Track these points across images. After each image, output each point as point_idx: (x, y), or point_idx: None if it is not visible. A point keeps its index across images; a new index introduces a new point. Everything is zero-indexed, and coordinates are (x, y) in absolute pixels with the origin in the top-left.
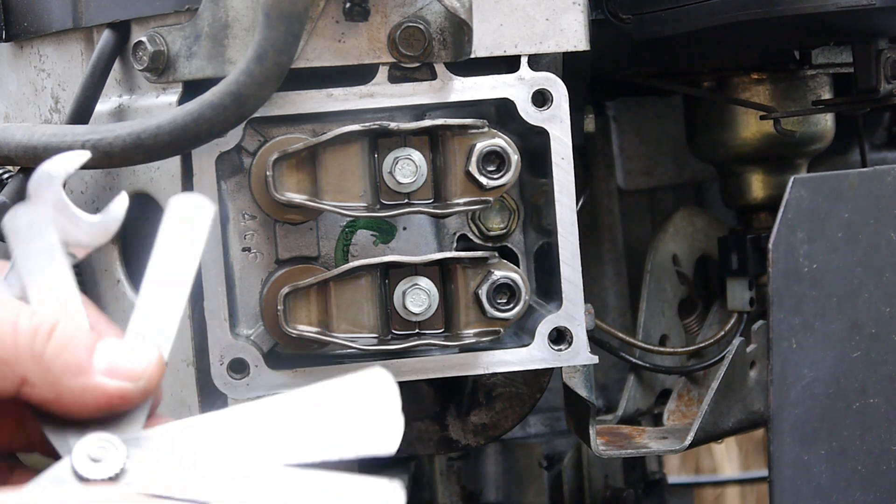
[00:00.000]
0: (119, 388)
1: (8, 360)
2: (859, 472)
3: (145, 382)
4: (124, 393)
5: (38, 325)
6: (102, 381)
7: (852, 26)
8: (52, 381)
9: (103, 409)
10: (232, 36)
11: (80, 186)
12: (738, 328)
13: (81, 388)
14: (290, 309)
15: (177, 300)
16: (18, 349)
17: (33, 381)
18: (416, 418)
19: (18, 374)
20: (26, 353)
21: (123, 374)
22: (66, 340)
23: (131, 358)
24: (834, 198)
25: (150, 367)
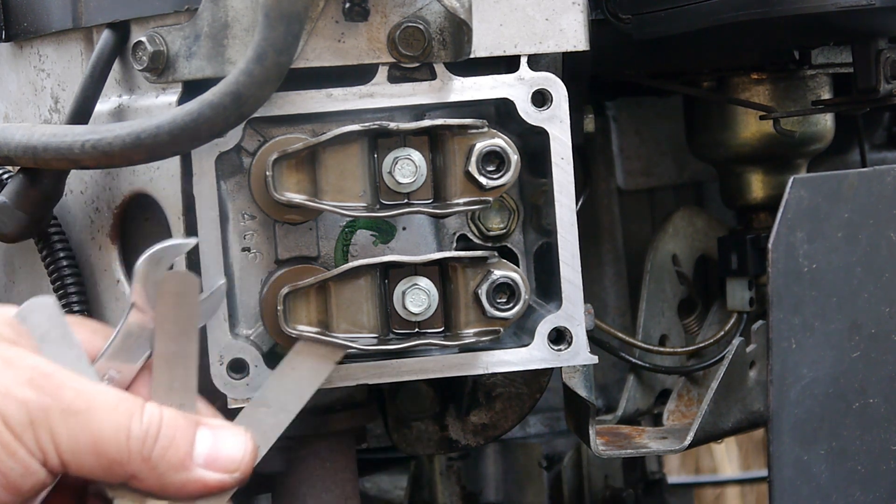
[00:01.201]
0: (218, 479)
1: (121, 461)
2: (859, 472)
3: (241, 474)
4: (223, 484)
5: (147, 427)
6: (202, 475)
7: (852, 26)
8: (158, 477)
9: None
10: (232, 36)
11: (79, 187)
12: (737, 328)
13: (183, 482)
14: (290, 309)
15: (289, 410)
16: (131, 452)
17: (141, 477)
18: (416, 418)
19: (128, 471)
20: (137, 456)
21: (221, 466)
22: (171, 439)
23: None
24: (834, 198)
25: (246, 459)
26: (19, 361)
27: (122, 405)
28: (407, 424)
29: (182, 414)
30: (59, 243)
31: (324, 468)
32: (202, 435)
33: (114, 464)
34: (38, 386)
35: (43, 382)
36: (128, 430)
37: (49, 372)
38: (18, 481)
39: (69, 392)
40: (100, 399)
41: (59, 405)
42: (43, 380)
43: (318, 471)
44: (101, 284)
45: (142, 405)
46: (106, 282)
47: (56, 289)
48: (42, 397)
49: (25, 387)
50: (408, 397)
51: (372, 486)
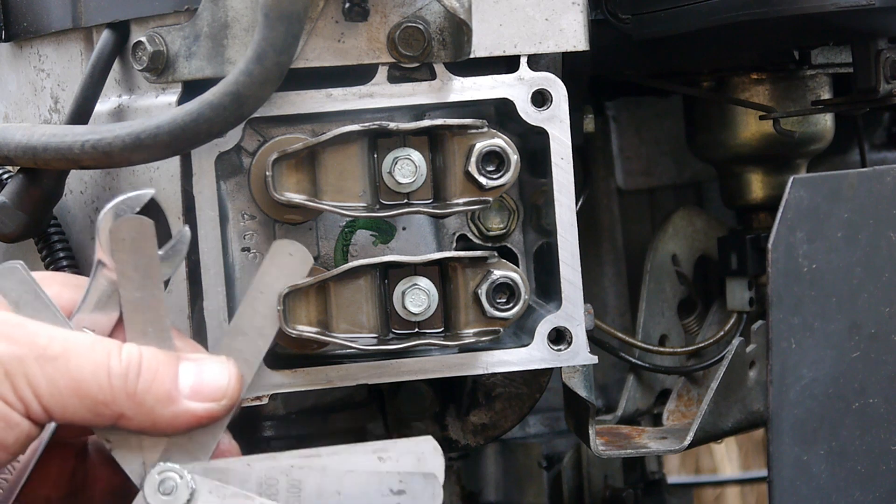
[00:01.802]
0: (206, 409)
1: (106, 400)
2: (859, 472)
3: (228, 400)
4: (211, 413)
5: (127, 363)
6: (191, 406)
7: (852, 26)
8: (146, 413)
9: (193, 428)
10: (231, 36)
11: (79, 187)
12: (737, 328)
13: (173, 415)
14: (290, 309)
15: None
16: (114, 390)
17: (129, 415)
18: (416, 418)
19: (115, 411)
20: (121, 393)
21: (208, 395)
22: (153, 372)
23: (213, 378)
24: (833, 198)
25: (232, 385)
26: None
27: (98, 345)
28: (407, 424)
29: (161, 350)
30: (59, 243)
31: None
32: (185, 367)
33: (99, 404)
34: (9, 337)
35: (15, 333)
36: (107, 367)
37: (20, 322)
38: (2, 434)
39: (42, 339)
40: (75, 342)
41: (34, 353)
42: (14, 330)
43: None
44: None
45: (119, 345)
46: None
47: None
48: (15, 347)
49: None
50: (408, 397)
51: None
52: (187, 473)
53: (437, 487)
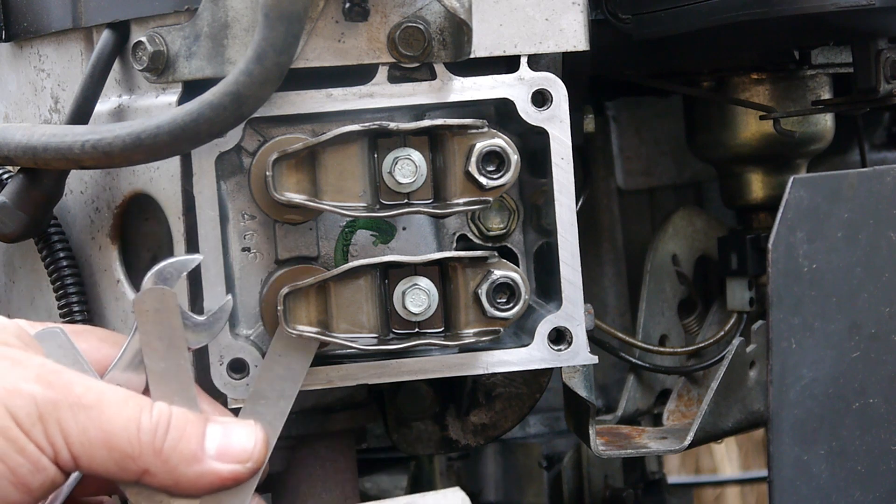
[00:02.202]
0: (231, 470)
1: (133, 455)
2: (859, 472)
3: (253, 463)
4: (236, 475)
5: (157, 421)
6: (215, 467)
7: (852, 26)
8: (171, 470)
9: (216, 490)
10: (231, 36)
11: (79, 187)
12: (737, 328)
13: (197, 475)
14: (290, 309)
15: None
16: (142, 445)
17: (154, 472)
18: (416, 418)
19: (141, 466)
20: (148, 449)
21: (233, 457)
22: (181, 431)
23: (239, 440)
24: (833, 198)
25: (258, 448)
26: (27, 361)
27: (131, 400)
28: (407, 424)
29: (191, 411)
30: (59, 243)
31: (324, 468)
32: (212, 429)
33: (125, 458)
34: (46, 382)
35: (52, 378)
36: (138, 422)
37: (57, 369)
38: (28, 478)
39: (78, 388)
40: (109, 394)
41: (69, 399)
42: (52, 376)
43: (318, 471)
44: (101, 284)
45: (150, 402)
46: (106, 282)
47: (56, 289)
48: (51, 392)
49: (34, 382)
50: (408, 397)
51: (372, 486)
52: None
53: None
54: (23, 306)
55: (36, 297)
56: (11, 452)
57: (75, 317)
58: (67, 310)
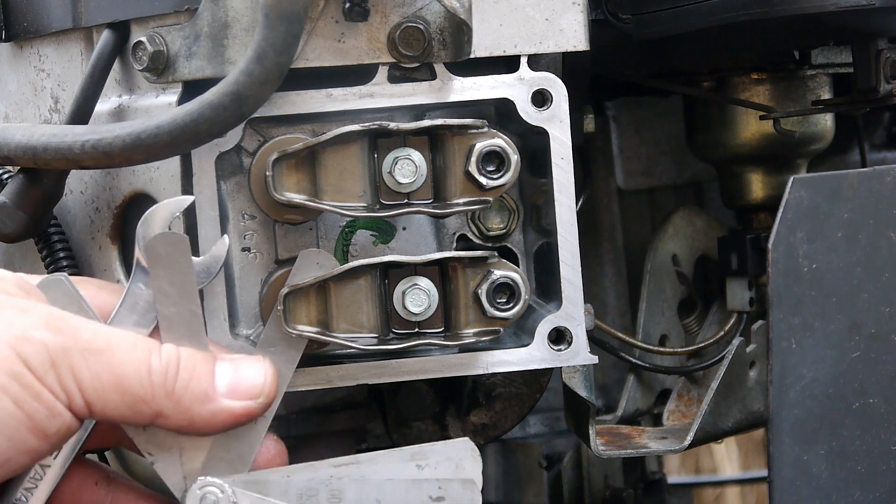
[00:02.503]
0: (244, 407)
1: (145, 398)
2: (859, 472)
3: (265, 398)
4: (249, 411)
5: (167, 362)
6: (228, 404)
7: (852, 26)
8: (184, 411)
9: (231, 427)
10: (232, 36)
11: (79, 187)
12: (737, 328)
13: (210, 413)
14: (290, 309)
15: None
16: (154, 388)
17: (167, 413)
18: (416, 418)
19: (154, 409)
20: (160, 391)
21: (245, 394)
22: (191, 371)
23: (249, 376)
24: (834, 198)
25: (268, 383)
26: (34, 309)
27: (139, 344)
28: (407, 424)
29: (199, 351)
30: (59, 243)
31: None
32: (221, 367)
33: (138, 401)
34: (55, 328)
35: (60, 324)
36: (148, 365)
37: (64, 315)
38: (44, 423)
39: (87, 333)
40: (117, 338)
41: (79, 345)
42: (59, 322)
43: None
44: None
45: (158, 344)
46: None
47: None
48: (61, 338)
49: (43, 329)
50: (408, 397)
51: None
52: (228, 487)
53: (475, 493)
54: None
55: None
56: (28, 398)
57: None
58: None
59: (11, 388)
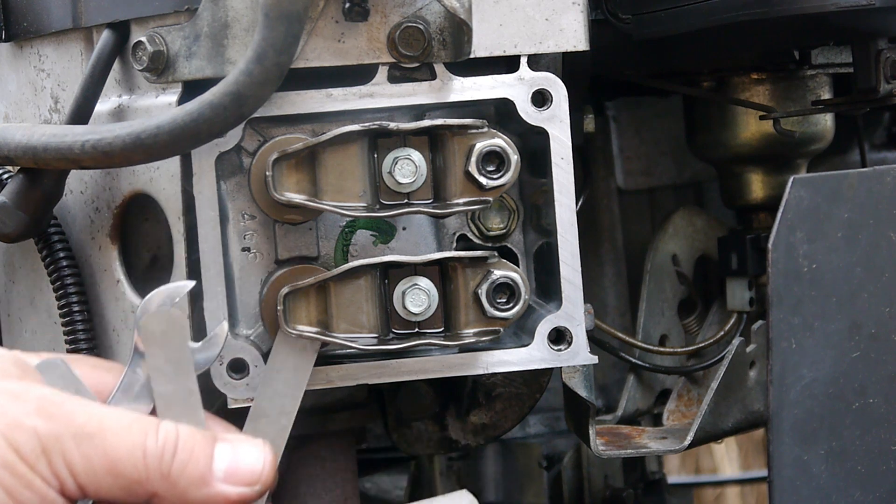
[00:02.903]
0: (239, 493)
1: (140, 479)
2: (859, 472)
3: (261, 486)
4: (244, 498)
5: (164, 443)
6: (224, 490)
7: (852, 26)
8: (179, 494)
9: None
10: (231, 36)
11: (79, 187)
12: (737, 328)
13: (205, 498)
14: (290, 309)
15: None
16: (149, 470)
17: (162, 495)
18: (416, 418)
19: (149, 490)
20: (156, 473)
21: (242, 480)
22: (189, 453)
23: (248, 461)
24: (834, 198)
25: (266, 470)
26: (26, 394)
27: (135, 425)
28: (407, 424)
29: (199, 430)
30: (59, 243)
31: (324, 468)
32: (221, 449)
33: (132, 483)
34: (47, 414)
35: (52, 410)
36: (143, 447)
37: (57, 400)
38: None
39: (80, 416)
40: (112, 420)
41: (71, 430)
42: (52, 407)
43: (318, 471)
44: (101, 284)
45: (156, 423)
46: (106, 282)
47: (56, 289)
48: (52, 424)
49: (35, 416)
50: (408, 397)
51: (372, 486)
52: None
53: None
54: (23, 306)
55: (36, 297)
56: (19, 488)
57: (75, 316)
58: (67, 310)
59: (3, 477)
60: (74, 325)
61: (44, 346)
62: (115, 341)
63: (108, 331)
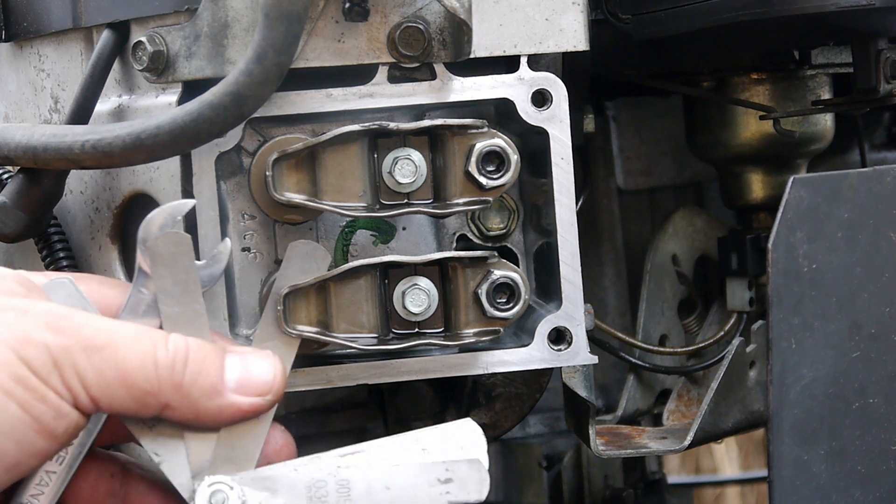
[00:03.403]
0: (251, 403)
1: (152, 390)
2: (859, 472)
3: (273, 395)
4: (256, 408)
5: (174, 354)
6: (236, 400)
7: (852, 26)
8: (191, 404)
9: (237, 422)
10: (231, 36)
11: (79, 187)
12: (737, 328)
13: (218, 408)
14: (290, 309)
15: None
16: (160, 380)
17: (174, 405)
18: (416, 418)
19: (161, 401)
20: (167, 383)
21: (253, 390)
22: (200, 364)
23: (259, 372)
24: (834, 198)
25: (277, 380)
26: (34, 309)
27: (144, 336)
28: (407, 424)
29: (208, 343)
30: (59, 243)
31: None
32: (231, 361)
33: (145, 394)
34: (56, 328)
35: (61, 324)
36: (154, 357)
37: (66, 314)
38: (52, 425)
39: (88, 329)
40: (121, 332)
41: (81, 343)
42: (60, 321)
43: None
44: None
45: (165, 335)
46: None
47: None
48: (62, 338)
49: (44, 330)
50: (408, 397)
51: None
52: (237, 485)
53: (482, 472)
54: None
55: None
56: (33, 401)
57: None
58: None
59: (16, 391)
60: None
61: None
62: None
63: None
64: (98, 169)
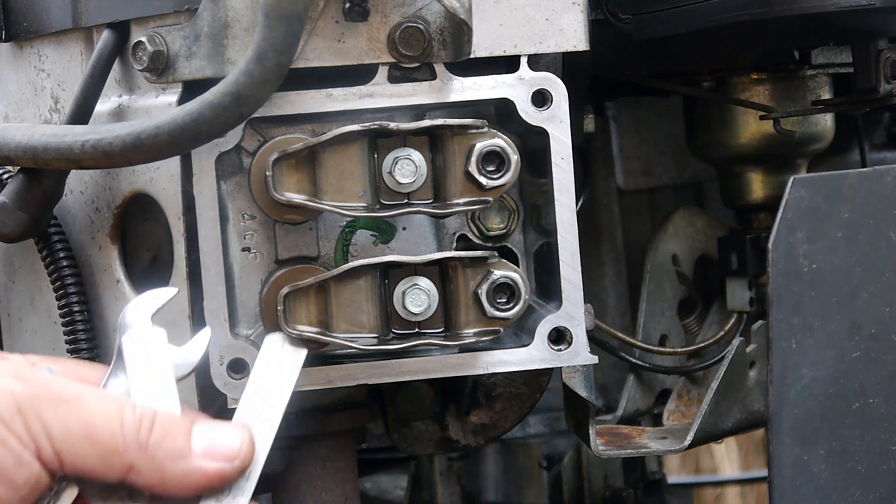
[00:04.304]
0: (218, 468)
1: (117, 450)
2: (859, 472)
3: (241, 462)
4: (223, 473)
5: (141, 416)
6: (202, 464)
7: (852, 26)
8: (157, 467)
9: (204, 489)
10: (232, 36)
11: (79, 187)
12: (737, 328)
13: (183, 472)
14: (290, 309)
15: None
16: (126, 438)
17: (139, 468)
18: (416, 418)
19: (126, 462)
20: (133, 443)
21: (220, 455)
22: (167, 429)
23: (226, 439)
24: (834, 198)
25: (244, 447)
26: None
27: (111, 398)
28: (407, 424)
29: (175, 415)
30: (59, 243)
31: (324, 468)
32: (198, 428)
33: (110, 453)
34: (23, 378)
35: (28, 375)
36: (121, 416)
37: (33, 369)
38: (12, 473)
39: (57, 384)
40: (88, 391)
41: (47, 394)
42: (28, 372)
43: (318, 471)
44: (101, 284)
45: (132, 401)
46: (106, 282)
47: (56, 289)
48: (29, 387)
49: (11, 378)
50: (408, 397)
51: (372, 486)
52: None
53: None
54: (23, 306)
55: (36, 297)
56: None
57: (75, 317)
58: (67, 310)
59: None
60: (74, 325)
61: (44, 345)
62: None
63: (108, 331)
64: (98, 169)
